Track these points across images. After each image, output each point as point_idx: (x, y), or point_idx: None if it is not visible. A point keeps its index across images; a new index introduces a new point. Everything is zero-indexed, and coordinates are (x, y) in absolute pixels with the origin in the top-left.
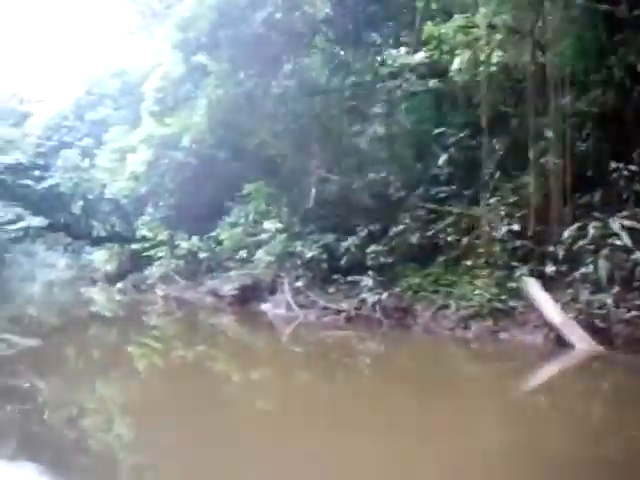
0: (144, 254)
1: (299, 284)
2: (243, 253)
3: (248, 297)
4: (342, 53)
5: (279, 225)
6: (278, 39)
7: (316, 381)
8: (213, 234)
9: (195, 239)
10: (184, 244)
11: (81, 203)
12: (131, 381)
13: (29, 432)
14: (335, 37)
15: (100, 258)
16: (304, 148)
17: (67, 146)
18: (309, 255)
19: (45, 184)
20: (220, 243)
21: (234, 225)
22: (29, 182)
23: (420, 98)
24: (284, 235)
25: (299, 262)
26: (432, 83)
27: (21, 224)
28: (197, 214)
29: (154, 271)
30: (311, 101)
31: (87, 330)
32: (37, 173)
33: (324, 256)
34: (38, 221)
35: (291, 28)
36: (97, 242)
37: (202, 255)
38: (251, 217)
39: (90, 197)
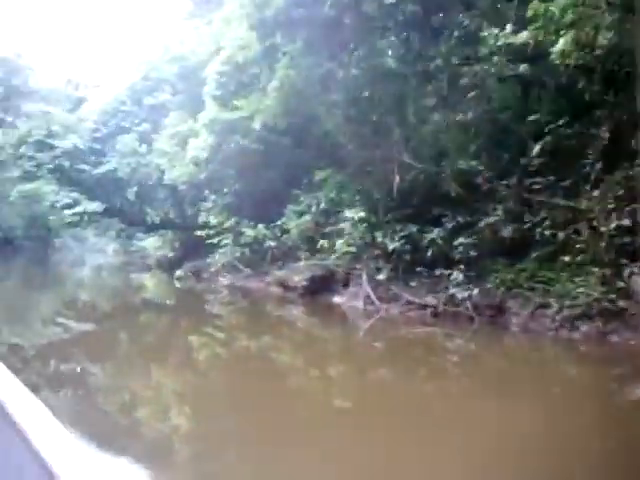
0: (208, 241)
1: (381, 276)
2: (314, 243)
3: (318, 288)
4: (418, 37)
5: (361, 214)
6: (349, 22)
7: (397, 379)
8: (279, 222)
9: (261, 227)
10: (250, 232)
11: (136, 189)
12: (192, 370)
13: (98, 416)
14: (409, 20)
15: (152, 245)
16: (382, 134)
17: (124, 131)
18: (392, 246)
19: (102, 169)
20: (286, 232)
21: (301, 214)
22: (85, 167)
23: (508, 83)
24: (364, 225)
25: (378, 253)
26: (522, 68)
27: (77, 209)
28: (261, 201)
29: (217, 259)
30: (389, 86)
31: (147, 317)
32: (93, 158)
33: (407, 247)
34: (95, 206)
35: (361, 11)
36: (151, 229)
37: (268, 244)
38: (322, 205)
39: (147, 183)
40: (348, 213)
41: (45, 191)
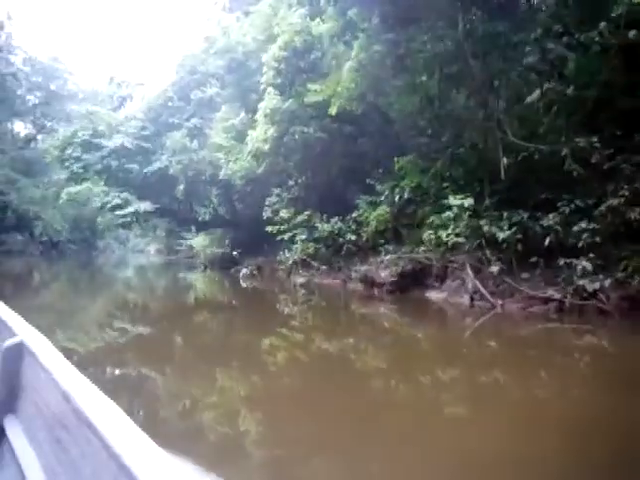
0: (279, 237)
1: (494, 269)
2: (397, 234)
3: (407, 284)
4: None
5: (470, 201)
6: None
7: (526, 383)
8: (354, 215)
9: (334, 221)
10: (325, 226)
11: (187, 186)
12: (269, 375)
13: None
14: None
15: (201, 243)
16: (475, 114)
17: (173, 128)
18: (502, 235)
19: (152, 168)
20: (362, 224)
21: (377, 204)
22: (134, 166)
23: (610, 53)
24: (467, 213)
25: (480, 242)
26: (632, 34)
27: (129, 209)
28: (329, 194)
29: (288, 255)
30: (476, 63)
31: (210, 318)
32: (140, 157)
33: (519, 236)
34: (145, 206)
35: None
36: (201, 227)
37: (346, 238)
38: (406, 195)
39: (199, 180)
40: (453, 200)
41: (95, 192)
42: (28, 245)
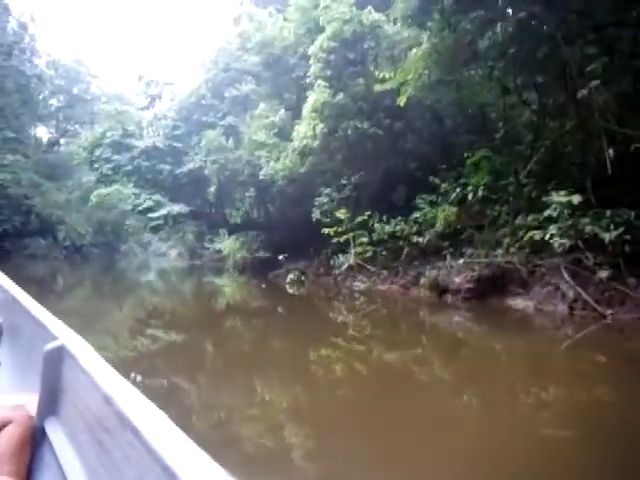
0: (335, 239)
1: (602, 274)
2: (468, 236)
3: (484, 290)
4: None
5: (578, 197)
6: None
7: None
8: (416, 215)
9: (394, 222)
10: (387, 227)
11: (215, 188)
12: (330, 388)
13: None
14: None
15: (230, 246)
16: (569, 102)
17: (207, 126)
18: (609, 236)
19: (185, 168)
20: (424, 225)
21: (437, 204)
22: (164, 167)
23: None
24: (566, 211)
25: (580, 245)
26: None
27: (161, 212)
28: (377, 193)
29: (342, 260)
30: (571, 44)
31: (256, 327)
32: (172, 157)
33: (627, 237)
34: (179, 208)
35: None
36: (233, 229)
37: (411, 240)
38: (480, 193)
39: (231, 180)
40: (556, 197)
41: (125, 194)
42: (52, 249)
